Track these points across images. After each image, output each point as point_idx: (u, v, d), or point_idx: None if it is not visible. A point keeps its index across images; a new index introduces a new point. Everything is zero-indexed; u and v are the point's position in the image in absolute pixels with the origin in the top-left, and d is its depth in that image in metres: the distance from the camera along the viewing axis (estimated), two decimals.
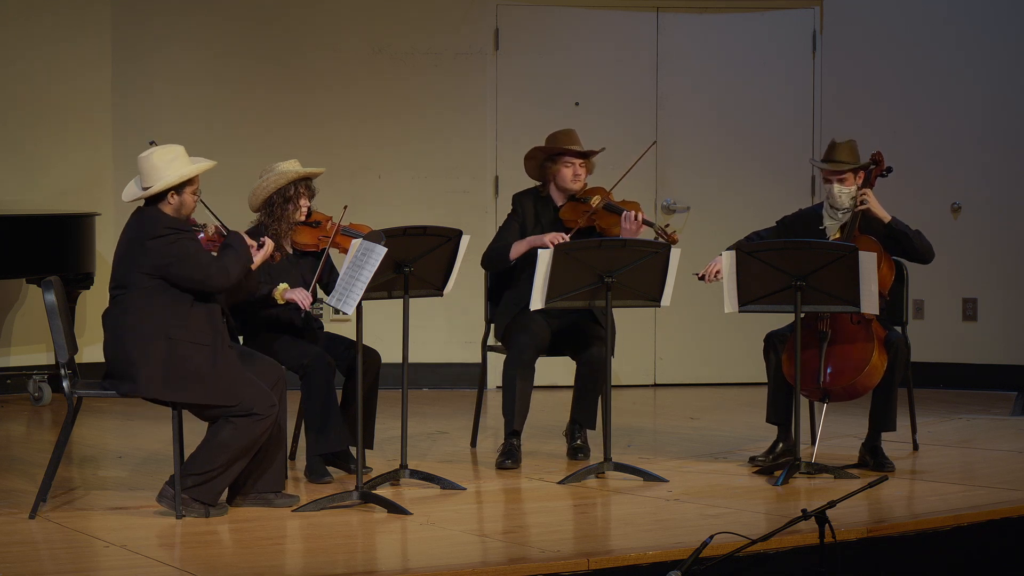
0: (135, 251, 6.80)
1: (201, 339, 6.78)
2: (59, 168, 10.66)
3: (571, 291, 7.56)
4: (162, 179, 6.80)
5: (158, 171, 6.82)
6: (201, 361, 6.75)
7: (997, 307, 10.93)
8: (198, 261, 6.79)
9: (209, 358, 6.76)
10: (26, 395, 10.33)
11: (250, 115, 10.88)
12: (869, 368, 7.69)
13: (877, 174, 7.99)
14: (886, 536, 6.54)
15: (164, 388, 6.76)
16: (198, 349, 6.77)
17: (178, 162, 6.85)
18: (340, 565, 6.07)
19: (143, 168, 6.85)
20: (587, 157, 8.24)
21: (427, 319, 10.29)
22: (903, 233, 7.89)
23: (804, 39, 11.19)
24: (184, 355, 6.74)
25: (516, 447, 8.03)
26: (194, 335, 6.77)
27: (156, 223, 6.80)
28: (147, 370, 6.73)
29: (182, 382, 6.74)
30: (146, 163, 6.85)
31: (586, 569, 5.99)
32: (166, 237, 6.76)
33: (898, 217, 7.96)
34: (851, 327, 7.77)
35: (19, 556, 6.16)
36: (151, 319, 6.75)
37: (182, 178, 6.82)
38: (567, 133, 8.28)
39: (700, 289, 10.24)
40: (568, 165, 8.22)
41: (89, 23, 10.72)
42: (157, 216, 6.83)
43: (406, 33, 11.01)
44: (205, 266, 6.79)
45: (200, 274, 6.78)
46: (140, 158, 6.87)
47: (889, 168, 8.02)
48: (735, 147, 11.22)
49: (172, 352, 6.74)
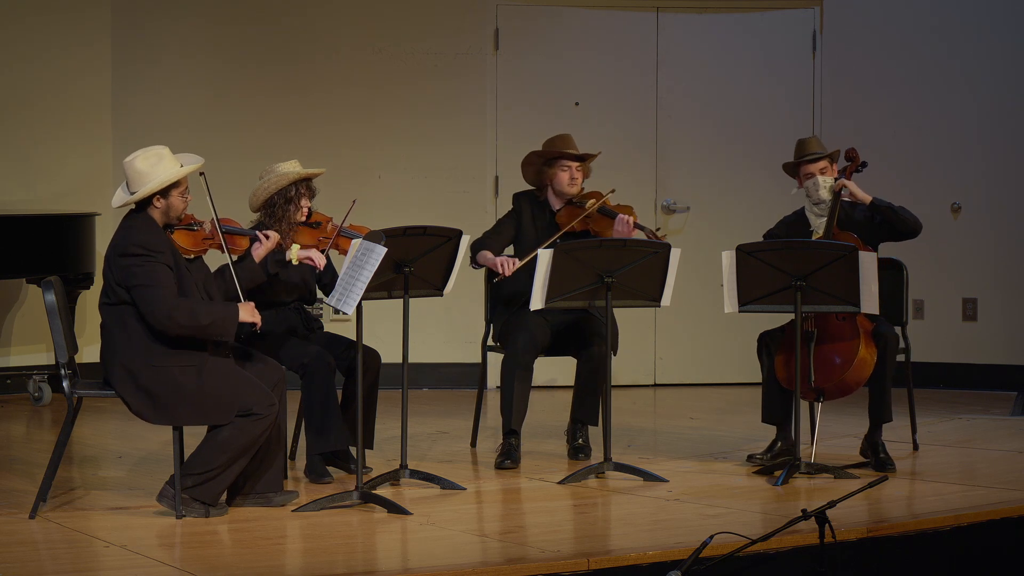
0: (110, 263, 6.77)
1: (185, 360, 6.72)
2: (59, 169, 10.66)
3: (571, 291, 7.56)
4: (146, 184, 6.76)
5: (143, 176, 6.76)
6: (187, 382, 6.71)
7: (997, 307, 10.93)
8: (153, 294, 6.61)
9: (195, 378, 6.71)
10: (26, 395, 10.33)
11: (250, 116, 10.88)
12: (857, 362, 7.70)
13: (852, 170, 8.05)
14: (886, 536, 6.54)
15: (154, 415, 6.76)
16: (182, 371, 6.71)
17: (163, 164, 6.78)
18: (340, 565, 6.07)
19: (128, 173, 6.81)
20: (583, 160, 8.24)
21: (427, 319, 10.29)
22: (888, 207, 7.92)
23: (804, 39, 11.19)
24: (168, 380, 6.70)
25: (515, 447, 8.03)
26: (177, 357, 6.71)
27: (129, 238, 6.71)
28: (135, 398, 6.73)
29: (170, 408, 6.72)
30: (130, 168, 6.80)
31: (586, 569, 5.99)
32: (135, 257, 6.67)
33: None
34: (836, 324, 7.78)
35: (19, 556, 6.16)
36: (134, 343, 6.70)
37: (164, 183, 6.76)
38: (563, 137, 8.28)
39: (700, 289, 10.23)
40: (564, 169, 8.21)
41: (90, 25, 10.72)
42: (135, 228, 6.74)
43: (406, 33, 11.02)
44: (157, 301, 6.61)
45: (148, 308, 6.63)
46: (125, 163, 6.82)
47: (864, 163, 8.08)
48: (735, 147, 11.22)
49: (156, 380, 6.70)
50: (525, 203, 8.33)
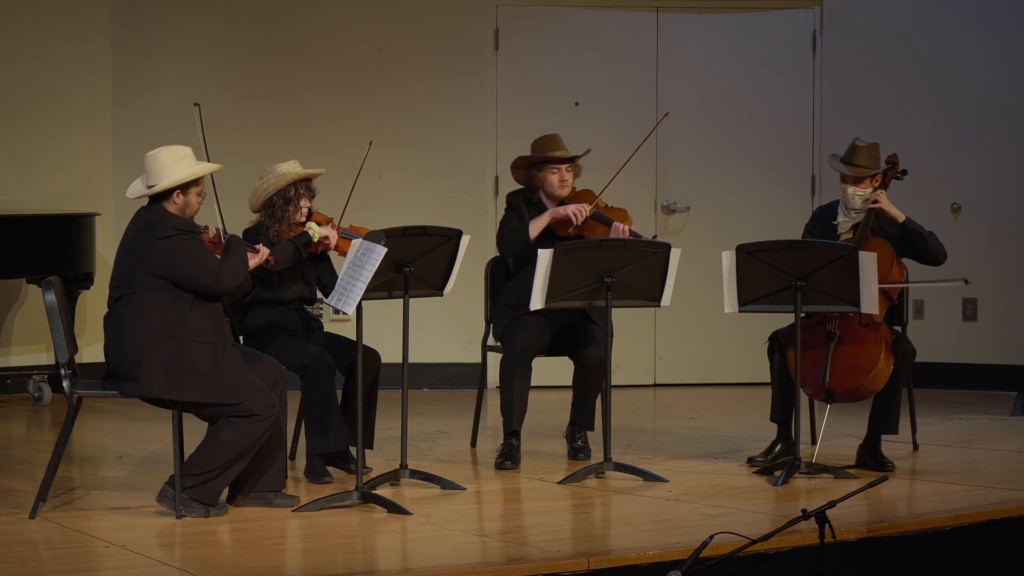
0: (140, 251, 6.78)
1: (204, 337, 6.78)
2: (59, 169, 10.66)
3: (571, 291, 7.56)
4: (168, 177, 6.80)
5: (165, 169, 6.81)
6: (204, 360, 6.75)
7: (997, 307, 10.93)
8: (206, 265, 6.79)
9: (212, 356, 6.76)
10: (26, 395, 10.33)
11: (250, 116, 10.88)
12: (876, 372, 7.69)
13: (892, 176, 8.01)
14: (886, 536, 6.54)
15: (168, 388, 6.75)
16: (201, 348, 6.76)
17: (185, 162, 6.85)
18: (340, 565, 6.07)
19: (150, 166, 6.84)
20: (572, 162, 8.20)
21: (427, 319, 10.29)
22: (917, 233, 7.90)
23: (804, 39, 11.19)
24: (187, 354, 6.74)
25: (515, 447, 8.03)
26: (197, 334, 6.77)
27: (163, 223, 6.78)
28: (151, 370, 6.72)
29: (186, 381, 6.73)
30: (153, 161, 6.83)
31: (586, 569, 5.99)
32: (174, 238, 6.75)
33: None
34: (860, 330, 7.76)
35: (19, 556, 6.16)
36: (154, 319, 6.74)
37: (189, 177, 6.81)
38: (551, 138, 8.22)
39: (700, 289, 10.24)
40: (554, 171, 8.17)
41: (90, 25, 10.73)
42: (163, 216, 6.81)
43: (406, 33, 11.02)
44: (213, 270, 6.79)
45: (208, 277, 6.77)
46: (148, 156, 6.85)
47: (904, 171, 8.04)
48: (735, 147, 11.22)
49: (175, 351, 6.73)
50: (521, 202, 8.29)
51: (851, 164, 7.96)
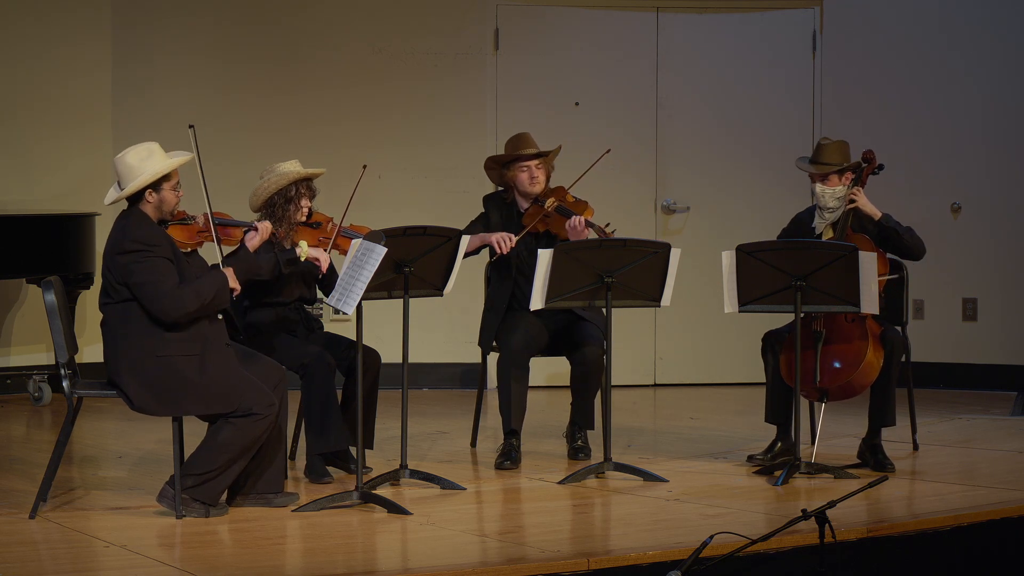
0: (108, 261, 6.76)
1: (189, 350, 6.73)
2: (59, 168, 10.66)
3: (571, 291, 7.56)
4: (136, 178, 6.74)
5: (133, 170, 6.75)
6: (191, 373, 6.71)
7: (997, 307, 10.93)
8: (157, 291, 6.63)
9: (198, 368, 6.72)
10: (26, 395, 10.33)
11: (250, 116, 10.88)
12: (864, 365, 7.69)
13: (868, 172, 8.01)
14: (886, 536, 6.54)
15: (158, 407, 6.76)
16: (187, 361, 6.72)
17: (153, 158, 6.77)
18: (340, 565, 6.07)
19: (119, 169, 6.79)
20: (540, 158, 8.24)
21: (427, 319, 10.29)
22: (893, 230, 7.91)
23: (804, 39, 11.19)
24: (173, 371, 6.70)
25: (515, 447, 8.03)
26: (180, 347, 6.72)
27: (126, 235, 6.70)
28: (138, 391, 6.72)
29: (174, 399, 6.72)
30: (121, 164, 6.79)
31: (586, 569, 5.99)
32: (134, 254, 6.66)
33: (895, 216, 7.97)
34: (846, 325, 7.77)
35: (19, 556, 6.16)
36: (137, 337, 6.70)
37: (156, 175, 6.74)
38: (521, 137, 8.30)
39: (700, 289, 10.23)
40: (523, 170, 8.22)
41: (90, 25, 10.72)
42: (133, 223, 6.73)
43: (406, 33, 11.02)
44: (163, 295, 6.62)
45: (155, 305, 6.65)
46: (115, 160, 6.80)
47: (881, 165, 8.03)
48: (735, 147, 11.22)
49: (161, 371, 6.70)
50: (492, 206, 8.36)
51: (816, 163, 7.99)
